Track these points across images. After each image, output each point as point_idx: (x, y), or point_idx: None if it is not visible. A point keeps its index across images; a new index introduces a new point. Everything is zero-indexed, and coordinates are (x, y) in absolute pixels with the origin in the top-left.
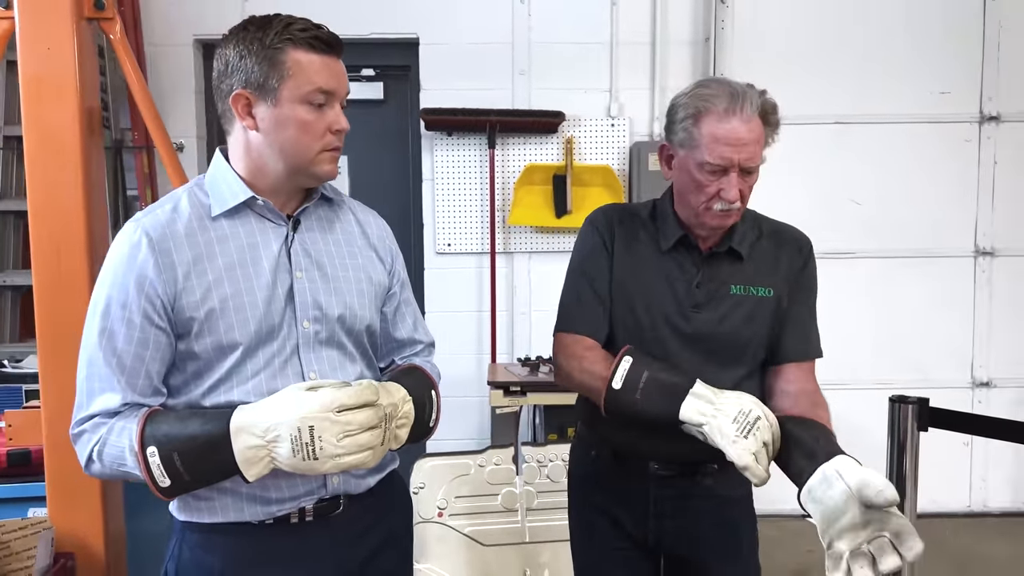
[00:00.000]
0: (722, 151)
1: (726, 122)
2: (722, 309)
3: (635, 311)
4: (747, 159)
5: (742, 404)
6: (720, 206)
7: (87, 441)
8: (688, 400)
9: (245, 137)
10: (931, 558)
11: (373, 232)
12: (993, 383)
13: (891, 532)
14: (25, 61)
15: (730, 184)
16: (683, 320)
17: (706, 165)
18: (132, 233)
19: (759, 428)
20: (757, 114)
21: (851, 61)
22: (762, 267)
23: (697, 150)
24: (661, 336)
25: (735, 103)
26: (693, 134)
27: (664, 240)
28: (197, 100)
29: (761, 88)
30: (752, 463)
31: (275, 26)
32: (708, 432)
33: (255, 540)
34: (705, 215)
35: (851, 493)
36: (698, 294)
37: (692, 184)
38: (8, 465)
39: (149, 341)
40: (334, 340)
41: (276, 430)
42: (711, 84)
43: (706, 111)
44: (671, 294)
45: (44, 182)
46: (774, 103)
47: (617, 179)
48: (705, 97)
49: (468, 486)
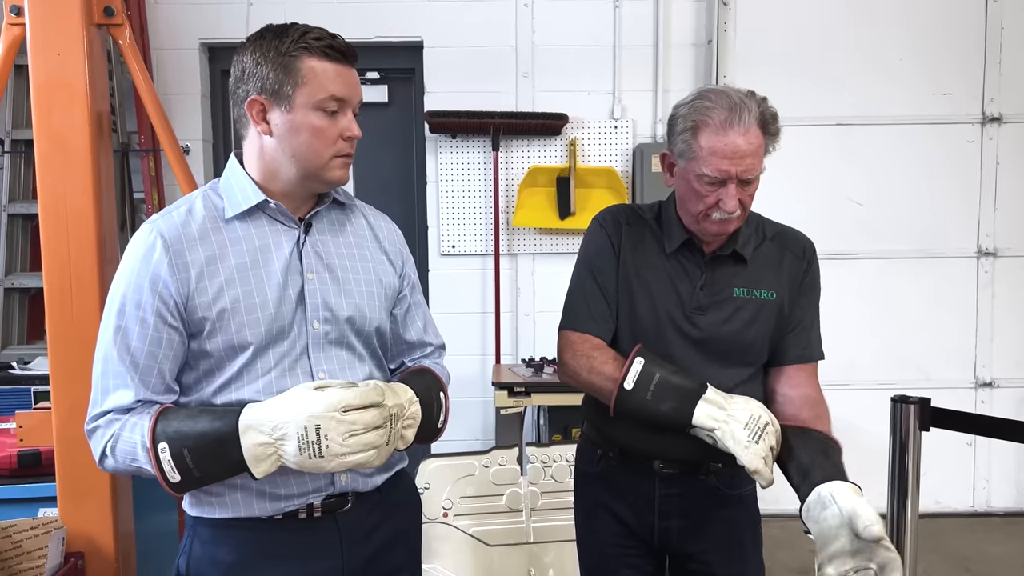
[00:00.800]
0: (719, 164)
1: (724, 135)
2: (725, 312)
3: (639, 312)
4: (745, 171)
5: (752, 410)
6: (719, 215)
7: (101, 436)
8: (700, 405)
9: (259, 142)
10: (934, 558)
11: (384, 235)
12: (996, 383)
13: (878, 564)
14: (36, 66)
15: (728, 195)
16: (686, 322)
17: (704, 177)
18: (147, 235)
19: (768, 433)
20: (756, 124)
21: (853, 63)
22: (765, 270)
23: (695, 162)
24: (664, 337)
25: (733, 115)
26: (692, 146)
27: (669, 242)
28: (203, 103)
29: (762, 96)
30: (763, 468)
31: (291, 34)
32: (720, 437)
33: (264, 535)
34: (705, 223)
35: (843, 519)
36: (702, 296)
37: (692, 193)
38: (19, 466)
39: (162, 340)
40: (343, 341)
41: (283, 428)
42: (710, 95)
43: (704, 124)
44: (675, 296)
45: (54, 185)
46: (774, 112)
47: (620, 181)
48: (703, 109)
49: (473, 486)
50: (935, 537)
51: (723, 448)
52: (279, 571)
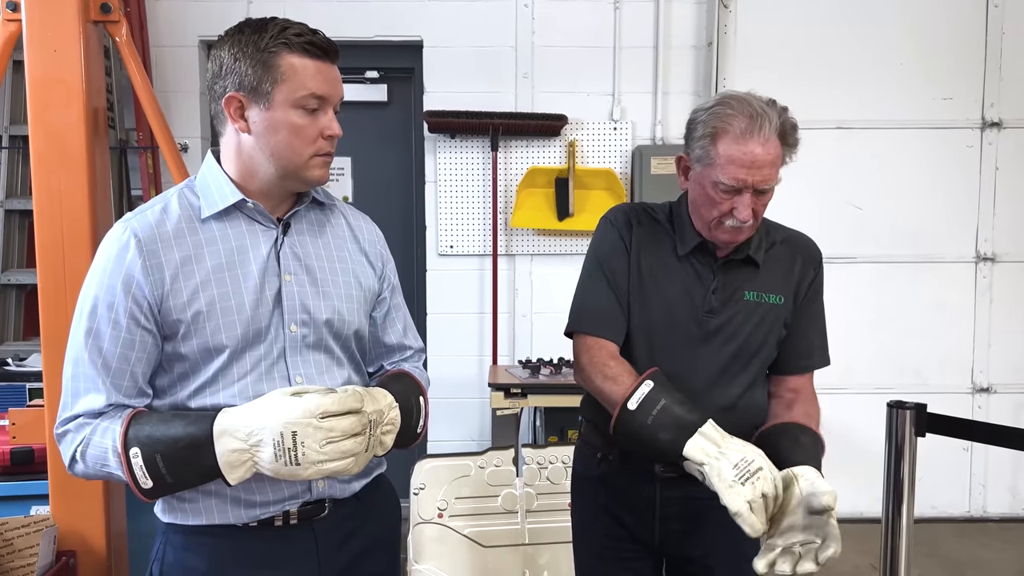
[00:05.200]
0: (737, 173)
1: (743, 144)
2: (737, 315)
3: (651, 313)
4: (761, 181)
5: (746, 452)
6: (732, 223)
7: (71, 441)
8: (695, 438)
9: (237, 139)
10: (930, 563)
11: (364, 237)
12: (993, 389)
13: (821, 538)
14: (32, 62)
15: (743, 204)
16: (697, 325)
17: (720, 185)
18: (121, 233)
19: (759, 478)
20: (776, 135)
21: (853, 66)
22: (775, 275)
23: (712, 168)
24: (674, 339)
25: (754, 124)
26: (710, 152)
27: (682, 245)
28: (201, 101)
29: (783, 105)
30: (745, 511)
31: (270, 30)
32: (707, 472)
33: (239, 542)
34: (717, 230)
35: (801, 498)
36: (713, 300)
37: (706, 199)
38: (11, 463)
39: (135, 342)
40: (321, 344)
41: (259, 434)
42: (732, 102)
43: (724, 131)
44: (688, 298)
45: (50, 182)
46: (795, 123)
47: (619, 182)
48: (724, 117)
49: (468, 487)
50: (930, 542)
51: (709, 485)
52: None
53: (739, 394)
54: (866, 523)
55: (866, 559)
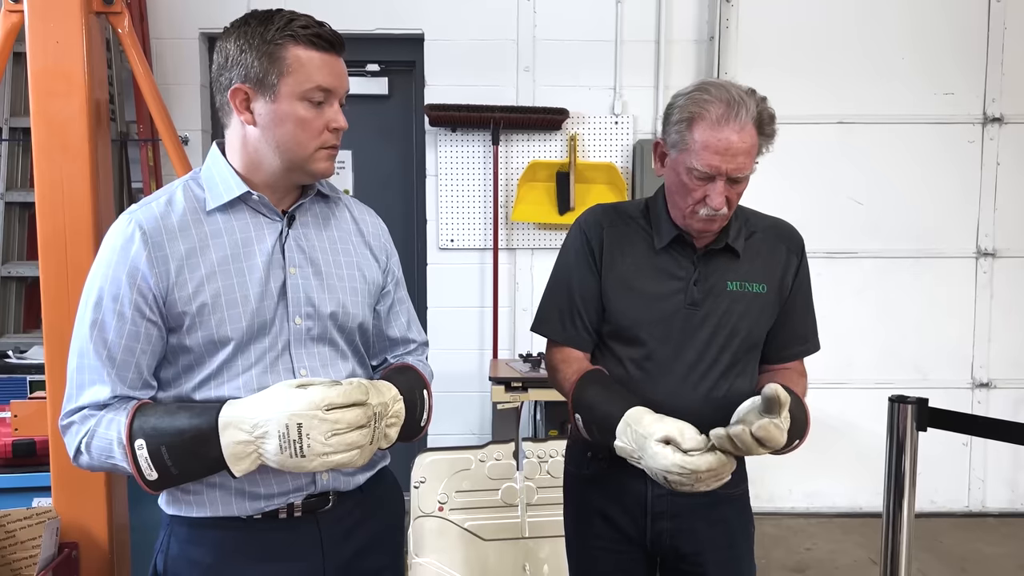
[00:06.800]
0: (711, 159)
1: (718, 131)
2: (720, 306)
3: (634, 311)
4: (735, 169)
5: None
6: (705, 212)
7: (75, 433)
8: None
9: (242, 132)
10: (929, 557)
11: (369, 230)
12: (993, 384)
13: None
14: (34, 54)
15: (716, 192)
16: (680, 318)
17: (694, 171)
18: (125, 225)
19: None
20: (752, 123)
21: (855, 61)
22: (757, 263)
23: (687, 154)
24: (658, 334)
25: (730, 111)
26: (685, 138)
27: (659, 239)
28: (203, 93)
29: (762, 95)
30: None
31: (277, 22)
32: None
33: (243, 535)
34: (691, 218)
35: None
36: (695, 292)
37: (680, 186)
38: (14, 455)
39: (140, 334)
40: (326, 337)
41: (264, 426)
42: (710, 88)
43: (700, 117)
44: (669, 292)
45: (51, 174)
46: (772, 113)
47: (620, 177)
48: (701, 102)
49: (468, 481)
50: (930, 537)
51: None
52: (258, 571)
53: (727, 385)
54: (866, 517)
55: (866, 553)
